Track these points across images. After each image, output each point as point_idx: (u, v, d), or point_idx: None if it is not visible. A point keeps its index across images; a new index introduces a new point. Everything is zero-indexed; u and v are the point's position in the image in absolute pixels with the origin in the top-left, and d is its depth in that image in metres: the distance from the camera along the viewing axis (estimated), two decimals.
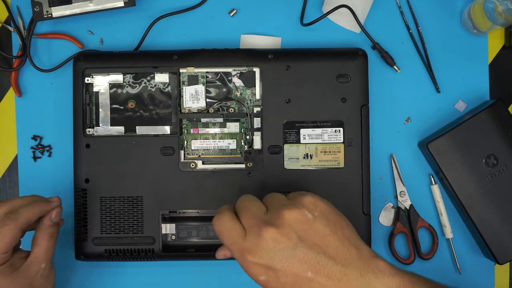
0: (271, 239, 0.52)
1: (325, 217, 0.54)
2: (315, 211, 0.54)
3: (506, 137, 0.73)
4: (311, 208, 0.54)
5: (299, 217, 0.53)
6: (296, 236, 0.52)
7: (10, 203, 0.65)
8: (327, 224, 0.53)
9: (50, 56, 0.78)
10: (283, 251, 0.52)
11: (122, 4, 0.74)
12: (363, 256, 0.53)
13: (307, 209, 0.53)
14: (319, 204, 0.54)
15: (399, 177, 0.77)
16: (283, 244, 0.52)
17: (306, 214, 0.53)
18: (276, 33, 0.78)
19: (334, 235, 0.53)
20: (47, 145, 0.77)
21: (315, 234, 0.52)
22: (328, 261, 0.52)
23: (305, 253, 0.52)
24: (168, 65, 0.73)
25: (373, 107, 0.76)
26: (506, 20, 0.71)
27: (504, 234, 0.73)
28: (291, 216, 0.53)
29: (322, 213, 0.54)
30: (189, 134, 0.74)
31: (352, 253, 0.52)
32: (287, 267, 0.52)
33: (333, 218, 0.54)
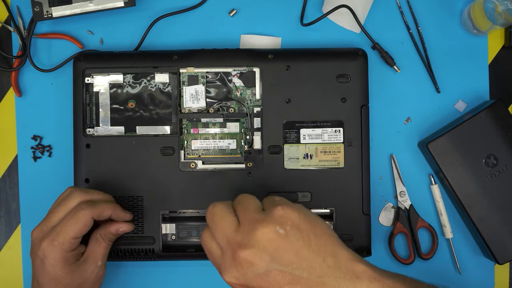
0: (244, 262, 0.52)
1: (298, 228, 0.53)
2: (286, 225, 0.52)
3: (506, 137, 0.73)
4: (283, 222, 0.53)
5: (271, 236, 0.52)
6: (269, 257, 0.52)
7: (90, 193, 0.66)
8: (300, 236, 0.52)
9: (50, 56, 0.78)
10: (257, 272, 0.52)
11: (122, 4, 0.74)
12: (341, 263, 0.52)
13: (278, 224, 0.52)
14: (290, 215, 0.53)
15: (399, 177, 0.77)
16: (256, 267, 0.52)
17: (278, 230, 0.52)
18: (276, 33, 0.78)
19: (308, 247, 0.52)
20: (47, 145, 0.77)
21: (288, 250, 0.52)
22: (303, 275, 0.51)
23: (279, 271, 0.51)
24: (168, 65, 0.73)
25: (373, 107, 0.76)
26: (506, 20, 0.71)
27: (504, 234, 0.73)
28: (263, 235, 0.52)
29: (294, 225, 0.53)
30: (189, 134, 0.74)
31: (328, 262, 0.52)
32: (263, 285, 0.52)
33: (306, 227, 0.53)
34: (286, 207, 0.54)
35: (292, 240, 0.52)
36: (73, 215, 0.64)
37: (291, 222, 0.53)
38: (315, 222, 0.54)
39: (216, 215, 0.56)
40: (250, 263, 0.52)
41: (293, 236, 0.52)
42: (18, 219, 0.78)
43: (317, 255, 0.52)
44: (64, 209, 0.65)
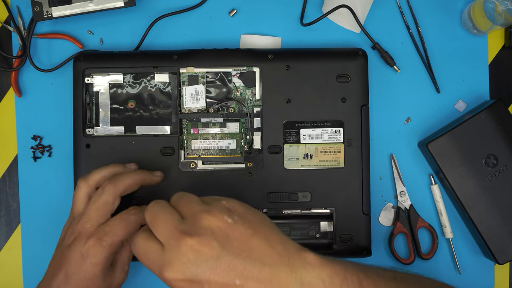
0: (191, 251, 0.49)
1: (245, 218, 0.51)
2: (234, 215, 0.51)
3: (506, 137, 0.73)
4: (229, 212, 0.51)
5: (219, 224, 0.50)
6: (218, 245, 0.49)
7: (111, 168, 0.65)
8: (248, 225, 0.51)
9: (50, 56, 0.78)
10: (206, 263, 0.49)
11: (122, 4, 0.74)
12: (290, 252, 0.51)
13: (225, 214, 0.51)
14: (236, 207, 0.52)
15: (399, 177, 0.77)
16: (205, 255, 0.49)
17: (226, 219, 0.50)
18: (276, 33, 0.78)
19: (257, 235, 0.51)
20: (47, 145, 0.77)
21: (237, 238, 0.50)
22: (255, 265, 0.49)
23: (229, 261, 0.49)
24: (168, 65, 0.73)
25: (373, 107, 0.76)
26: (506, 20, 0.71)
27: (504, 234, 0.73)
28: (210, 223, 0.50)
29: (241, 215, 0.51)
30: (189, 134, 0.74)
31: (278, 251, 0.50)
32: (213, 278, 0.49)
33: (253, 218, 0.52)
34: (230, 200, 0.53)
35: (241, 229, 0.50)
36: (123, 218, 0.61)
37: (238, 212, 0.52)
38: (260, 215, 0.54)
39: (159, 210, 0.53)
40: (197, 252, 0.49)
41: (241, 225, 0.51)
42: (18, 219, 0.78)
43: (267, 243, 0.50)
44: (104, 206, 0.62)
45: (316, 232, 0.74)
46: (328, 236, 0.74)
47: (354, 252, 0.73)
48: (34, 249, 0.77)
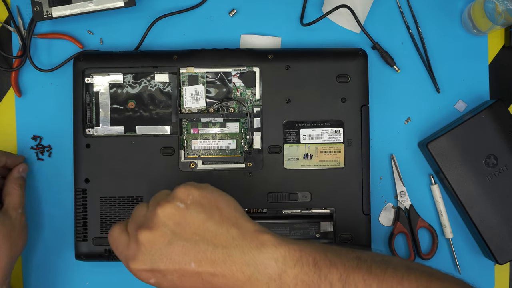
0: (147, 242, 0.51)
1: (199, 203, 0.52)
2: (187, 200, 0.52)
3: (506, 137, 0.73)
4: (183, 197, 0.52)
5: (171, 211, 0.52)
6: (170, 232, 0.51)
7: None
8: (201, 210, 0.52)
9: (50, 56, 0.78)
10: (160, 251, 0.51)
11: (122, 4, 0.74)
12: (246, 233, 0.52)
13: (179, 200, 0.52)
14: (192, 191, 0.53)
15: (399, 177, 0.77)
16: (158, 244, 0.51)
17: (178, 205, 0.52)
18: (276, 33, 0.78)
19: (211, 219, 0.52)
20: (47, 145, 0.77)
21: (190, 223, 0.51)
22: (208, 247, 0.51)
23: (182, 246, 0.51)
24: (168, 65, 0.73)
25: (373, 107, 0.76)
26: (506, 20, 0.71)
27: (504, 234, 0.73)
28: (163, 212, 0.52)
29: (195, 200, 0.52)
30: (189, 134, 0.74)
31: (232, 233, 0.52)
32: (169, 265, 0.51)
33: (208, 202, 0.53)
34: (188, 185, 0.54)
35: (193, 214, 0.52)
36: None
37: (192, 197, 0.53)
38: (218, 196, 0.54)
39: (137, 207, 0.56)
40: (151, 242, 0.51)
41: (194, 210, 0.52)
42: None
43: (221, 226, 0.52)
44: None
45: (316, 232, 0.74)
46: (328, 236, 0.74)
47: None
48: (34, 249, 0.77)
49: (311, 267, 0.50)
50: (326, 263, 0.51)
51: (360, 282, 0.50)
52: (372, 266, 0.51)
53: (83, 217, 0.73)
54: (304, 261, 0.51)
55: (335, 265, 0.51)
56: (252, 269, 0.50)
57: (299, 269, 0.50)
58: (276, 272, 0.50)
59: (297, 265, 0.50)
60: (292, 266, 0.50)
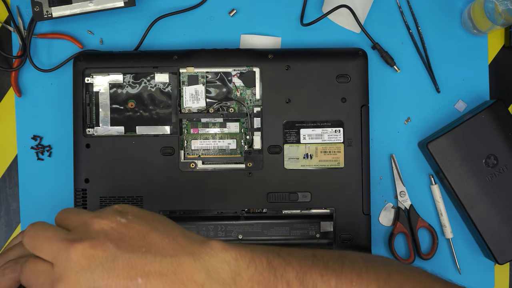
0: (83, 257, 0.44)
1: (140, 217, 0.48)
2: (127, 215, 0.48)
3: (506, 137, 0.73)
4: (123, 213, 0.48)
5: (112, 224, 0.46)
6: (112, 245, 0.45)
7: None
8: (144, 222, 0.48)
9: (50, 56, 0.78)
10: (102, 266, 0.44)
11: (122, 4, 0.74)
12: (194, 241, 0.48)
13: (118, 215, 0.47)
14: (129, 209, 0.49)
15: (399, 177, 0.77)
16: (99, 258, 0.44)
17: (119, 219, 0.47)
18: (276, 33, 0.78)
19: (156, 231, 0.47)
20: (47, 145, 0.77)
21: (134, 236, 0.46)
22: (155, 258, 0.46)
23: (127, 259, 0.45)
24: (168, 65, 0.73)
25: (373, 107, 0.76)
26: (506, 20, 0.71)
27: (504, 234, 0.73)
28: (102, 225, 0.46)
29: (136, 215, 0.48)
30: (189, 134, 0.74)
31: (180, 242, 0.48)
32: (112, 282, 0.44)
33: (150, 217, 0.49)
34: (123, 204, 0.50)
35: (137, 226, 0.47)
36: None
37: (132, 213, 0.48)
38: (157, 215, 0.50)
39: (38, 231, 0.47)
40: (90, 256, 0.44)
41: (136, 223, 0.47)
42: (18, 219, 0.78)
43: (167, 236, 0.47)
44: None
45: (316, 232, 0.74)
46: (328, 236, 0.74)
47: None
48: None
49: (265, 267, 0.48)
50: (280, 262, 0.49)
51: (318, 279, 0.48)
52: (329, 262, 0.49)
53: None
54: (257, 262, 0.48)
55: (290, 263, 0.49)
56: (204, 276, 0.46)
57: (253, 270, 0.48)
58: (229, 275, 0.47)
59: (250, 266, 0.48)
60: (245, 268, 0.48)
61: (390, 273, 0.50)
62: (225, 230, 0.74)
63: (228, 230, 0.74)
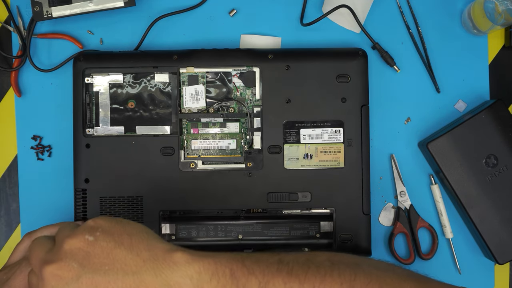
0: (52, 278, 0.48)
1: (108, 232, 0.51)
2: (96, 232, 0.50)
3: (506, 137, 0.73)
4: (92, 230, 0.51)
5: (79, 244, 0.50)
6: (77, 265, 0.49)
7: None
8: (111, 239, 0.50)
9: (50, 56, 0.78)
10: (68, 286, 0.48)
11: (122, 4, 0.74)
12: (157, 255, 0.50)
13: (87, 233, 0.50)
14: (100, 223, 0.51)
15: (399, 177, 0.77)
16: (65, 279, 0.48)
17: (87, 238, 0.50)
18: (276, 33, 0.78)
19: (120, 246, 0.50)
20: (47, 145, 0.77)
21: (99, 254, 0.49)
22: (118, 276, 0.48)
23: (91, 278, 0.48)
24: (168, 65, 0.73)
25: (373, 107, 0.76)
26: (506, 20, 0.71)
27: (504, 234, 0.73)
28: (70, 245, 0.49)
29: (104, 230, 0.51)
30: (189, 134, 0.74)
31: (143, 257, 0.50)
32: None
33: (118, 230, 0.51)
34: (97, 218, 0.52)
35: (103, 244, 0.50)
36: None
37: (101, 229, 0.51)
38: (128, 224, 0.52)
39: (33, 245, 0.53)
40: (58, 276, 0.48)
41: (103, 240, 0.50)
42: (18, 219, 0.78)
43: (131, 252, 0.50)
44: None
45: (316, 232, 0.74)
46: (328, 236, 0.74)
47: (354, 252, 0.73)
48: None
49: (228, 279, 0.49)
50: (243, 272, 0.50)
51: (281, 286, 0.49)
52: (294, 268, 0.50)
53: (83, 217, 0.73)
54: (220, 273, 0.49)
55: (253, 273, 0.50)
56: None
57: (216, 282, 0.49)
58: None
59: (213, 279, 0.49)
60: (208, 281, 0.49)
61: (356, 275, 0.50)
62: (225, 230, 0.74)
63: (228, 230, 0.74)
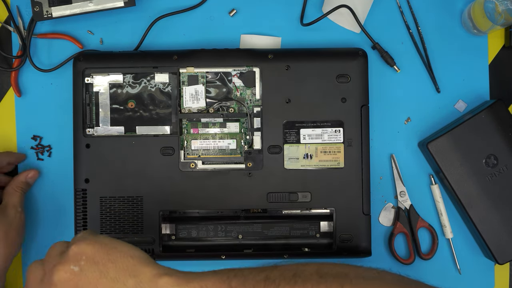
0: None
1: (93, 261, 0.52)
2: (81, 261, 0.52)
3: (506, 137, 0.73)
4: (77, 259, 0.52)
5: (66, 275, 0.51)
6: None
7: None
8: (96, 268, 0.51)
9: (50, 56, 0.78)
10: None
11: (122, 4, 0.74)
12: (142, 282, 0.51)
13: (72, 263, 0.52)
14: (84, 250, 0.52)
15: (399, 177, 0.77)
16: None
17: (72, 268, 0.51)
18: (276, 33, 0.78)
19: (106, 275, 0.51)
20: (47, 145, 0.77)
21: (86, 285, 0.51)
22: None
23: None
24: (168, 65, 0.73)
25: (373, 107, 0.76)
26: (506, 20, 0.71)
27: (504, 234, 0.73)
28: (59, 277, 0.51)
29: (88, 259, 0.52)
30: (189, 134, 0.74)
31: (129, 285, 0.51)
32: None
33: (102, 257, 0.52)
34: (80, 242, 0.53)
35: (88, 275, 0.51)
36: None
37: (85, 257, 0.52)
38: (112, 249, 0.53)
39: (29, 271, 0.55)
40: None
41: (88, 271, 0.51)
42: None
43: (116, 281, 0.51)
44: None
45: (316, 232, 0.74)
46: (328, 236, 0.74)
47: (354, 252, 0.73)
48: (34, 249, 0.77)
49: None
50: None
51: None
52: (280, 285, 0.50)
53: (83, 217, 0.73)
54: None
55: None
56: None
57: None
58: None
59: None
60: None
61: (342, 286, 0.49)
62: (225, 230, 0.74)
63: (228, 230, 0.74)
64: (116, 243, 0.53)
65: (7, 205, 0.72)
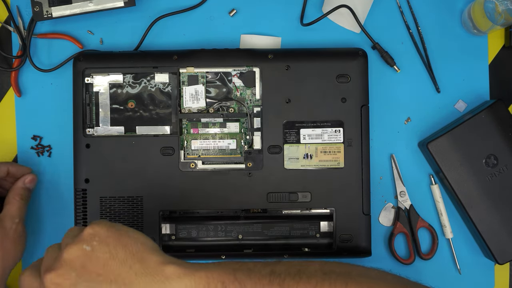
0: (52, 285, 0.51)
1: (104, 243, 0.53)
2: (93, 241, 0.52)
3: (506, 137, 0.73)
4: (89, 239, 0.53)
5: (77, 253, 0.52)
6: (75, 274, 0.51)
7: None
8: (106, 250, 0.52)
9: (50, 56, 0.78)
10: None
11: (122, 4, 0.74)
12: (149, 268, 0.52)
13: (85, 243, 0.52)
14: (98, 232, 0.53)
15: (399, 177, 0.77)
16: (63, 285, 0.51)
17: (84, 247, 0.52)
18: (276, 33, 0.78)
19: (115, 258, 0.52)
20: (47, 145, 0.77)
21: (95, 264, 0.51)
22: (111, 286, 0.51)
23: (87, 287, 0.51)
24: (168, 65, 0.73)
25: (373, 107, 0.76)
26: (506, 20, 0.71)
27: (504, 234, 0.73)
28: (69, 254, 0.52)
29: (101, 240, 0.53)
30: (189, 134, 0.74)
31: (136, 269, 0.51)
32: None
33: (114, 240, 0.53)
34: (96, 225, 0.54)
35: (99, 255, 0.52)
36: None
37: (98, 238, 0.53)
38: (124, 233, 0.54)
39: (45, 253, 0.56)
40: (57, 284, 0.51)
41: (99, 251, 0.52)
42: None
43: (124, 264, 0.52)
44: None
45: (316, 232, 0.74)
46: (328, 236, 0.74)
47: (354, 252, 0.73)
48: (34, 249, 0.77)
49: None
50: (235, 286, 0.50)
51: None
52: (286, 280, 0.51)
53: (83, 217, 0.73)
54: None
55: (245, 286, 0.50)
56: None
57: None
58: None
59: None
60: None
61: (347, 284, 0.50)
62: (225, 230, 0.74)
63: (228, 230, 0.74)
64: (129, 230, 0.54)
65: (5, 216, 0.71)
